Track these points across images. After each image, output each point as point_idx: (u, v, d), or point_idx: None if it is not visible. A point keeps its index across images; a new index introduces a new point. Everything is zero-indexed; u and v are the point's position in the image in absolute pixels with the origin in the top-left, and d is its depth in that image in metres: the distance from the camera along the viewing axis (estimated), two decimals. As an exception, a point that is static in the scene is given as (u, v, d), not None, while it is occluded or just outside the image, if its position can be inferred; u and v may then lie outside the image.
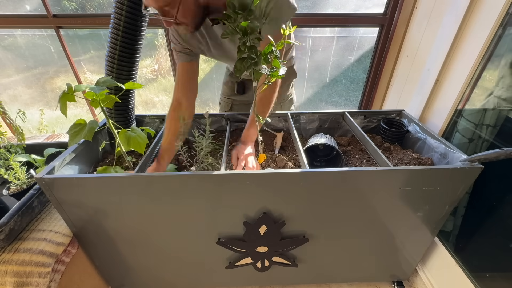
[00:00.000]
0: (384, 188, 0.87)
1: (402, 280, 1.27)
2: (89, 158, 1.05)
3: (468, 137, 1.02)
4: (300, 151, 0.97)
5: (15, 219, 0.83)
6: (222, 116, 1.29)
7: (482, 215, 0.99)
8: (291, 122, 1.19)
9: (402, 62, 1.59)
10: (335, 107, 2.20)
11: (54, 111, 2.41)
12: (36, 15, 1.60)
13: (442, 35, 1.08)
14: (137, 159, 1.08)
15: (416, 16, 1.45)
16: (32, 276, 0.81)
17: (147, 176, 0.80)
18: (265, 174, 0.81)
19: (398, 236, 1.03)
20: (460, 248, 1.07)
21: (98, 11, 1.89)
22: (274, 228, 0.94)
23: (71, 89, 0.71)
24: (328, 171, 0.82)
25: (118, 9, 0.91)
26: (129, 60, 0.99)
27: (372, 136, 1.26)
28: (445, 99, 1.10)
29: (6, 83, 2.26)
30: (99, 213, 0.89)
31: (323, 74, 2.07)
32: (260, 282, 1.27)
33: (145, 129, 0.94)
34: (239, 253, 1.03)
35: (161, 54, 2.55)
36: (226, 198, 0.87)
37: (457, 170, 0.83)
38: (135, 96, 1.11)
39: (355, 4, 1.70)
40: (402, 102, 1.60)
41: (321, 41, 1.93)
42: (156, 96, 2.77)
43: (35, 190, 0.93)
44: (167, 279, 1.18)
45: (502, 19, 0.87)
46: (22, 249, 0.84)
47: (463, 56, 1.01)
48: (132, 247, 1.02)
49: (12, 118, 1.15)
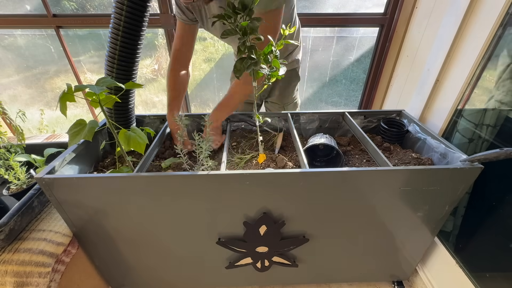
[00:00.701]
0: (384, 188, 0.87)
1: (402, 280, 1.27)
2: (89, 158, 1.05)
3: (468, 137, 1.02)
4: (300, 151, 0.97)
5: (15, 219, 0.83)
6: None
7: (482, 215, 0.99)
8: (291, 122, 1.19)
9: (402, 62, 1.59)
10: (335, 107, 2.20)
11: (54, 111, 2.41)
12: (36, 15, 1.60)
13: (442, 35, 1.08)
14: (137, 159, 1.08)
15: (416, 16, 1.45)
16: (32, 276, 0.81)
17: (147, 176, 0.80)
18: (265, 174, 0.81)
19: (398, 236, 1.03)
20: (460, 248, 1.07)
21: (98, 11, 1.89)
22: (274, 228, 0.94)
23: (71, 89, 0.71)
24: (328, 171, 0.82)
25: (118, 9, 0.91)
26: (129, 60, 0.99)
27: (372, 136, 1.26)
28: (445, 99, 1.10)
29: (6, 83, 2.26)
30: (99, 213, 0.89)
31: (323, 74, 2.07)
32: (260, 282, 1.27)
33: (145, 129, 0.94)
34: (239, 253, 1.03)
35: (161, 54, 2.55)
36: (226, 198, 0.87)
37: (457, 170, 0.83)
38: (135, 96, 1.11)
39: (355, 4, 1.71)
40: (402, 102, 1.60)
41: (321, 41, 1.94)
42: (156, 96, 2.76)
43: (35, 190, 0.93)
44: (167, 279, 1.18)
45: (502, 19, 0.87)
46: (22, 249, 0.84)
47: (463, 56, 1.01)
48: (132, 247, 1.02)
49: (12, 118, 1.15)
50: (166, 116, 1.17)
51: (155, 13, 1.53)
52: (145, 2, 0.93)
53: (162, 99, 2.76)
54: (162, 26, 1.56)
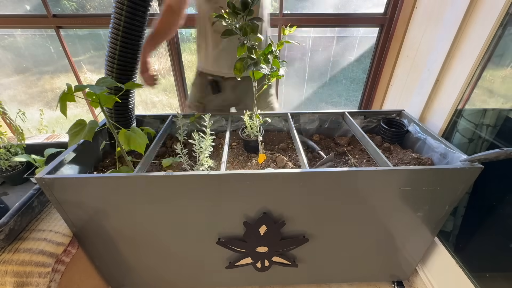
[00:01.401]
0: (384, 188, 0.87)
1: (402, 280, 1.27)
2: (89, 158, 1.05)
3: (468, 137, 1.02)
4: (300, 151, 0.97)
5: (15, 219, 0.83)
6: (222, 116, 1.29)
7: (482, 215, 0.99)
8: (291, 122, 1.19)
9: (402, 62, 1.59)
10: (335, 107, 2.20)
11: (54, 111, 2.41)
12: (36, 15, 1.60)
13: (442, 35, 1.08)
14: (137, 159, 1.08)
15: (416, 16, 1.45)
16: (32, 276, 0.81)
17: (147, 176, 0.80)
18: (265, 174, 0.81)
19: (398, 236, 1.03)
20: (460, 248, 1.07)
21: (98, 11, 1.89)
22: (274, 228, 0.94)
23: (71, 89, 0.71)
24: (328, 171, 0.82)
25: (118, 9, 0.91)
26: (129, 60, 0.99)
27: (372, 136, 1.26)
28: (445, 99, 1.10)
29: (6, 83, 2.26)
30: (99, 213, 0.89)
31: (323, 74, 2.07)
32: (260, 282, 1.27)
33: (145, 129, 0.94)
34: (239, 253, 1.03)
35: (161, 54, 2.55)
36: (226, 198, 0.87)
37: (457, 170, 0.83)
38: (135, 96, 1.11)
39: (355, 4, 1.71)
40: (402, 102, 1.60)
41: (321, 41, 1.94)
42: (156, 96, 2.77)
43: (35, 190, 0.93)
44: (167, 279, 1.18)
45: (502, 19, 0.87)
46: (22, 249, 0.84)
47: (463, 56, 1.01)
48: (132, 247, 1.02)
49: (12, 118, 1.15)
50: (143, 45, 1.04)
51: (155, 13, 1.53)
52: (145, 2, 0.93)
53: (162, 99, 2.76)
54: (162, 26, 1.56)
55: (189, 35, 3.10)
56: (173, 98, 2.69)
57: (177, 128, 1.11)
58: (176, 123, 1.10)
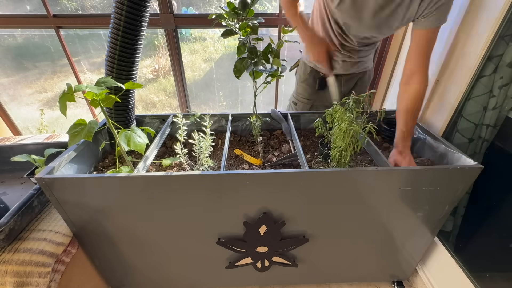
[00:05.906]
0: (384, 188, 0.87)
1: (402, 280, 1.27)
2: (89, 158, 1.05)
3: (468, 137, 1.02)
4: (300, 151, 0.97)
5: (15, 219, 0.83)
6: (222, 116, 1.29)
7: (482, 215, 0.99)
8: (291, 122, 1.19)
9: (402, 62, 1.59)
10: (335, 107, 2.20)
11: (54, 111, 2.41)
12: (36, 15, 1.60)
13: (442, 35, 1.08)
14: (137, 159, 1.08)
15: (416, 16, 1.45)
16: (32, 276, 0.81)
17: (147, 176, 0.80)
18: (265, 174, 0.81)
19: (398, 236, 1.03)
20: (460, 248, 1.07)
21: (98, 11, 1.89)
22: (274, 228, 0.94)
23: (71, 89, 0.71)
24: (328, 171, 0.82)
25: (118, 9, 0.91)
26: (129, 60, 0.99)
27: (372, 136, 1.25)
28: (445, 99, 1.10)
29: (6, 83, 2.26)
30: (99, 213, 0.89)
31: (323, 74, 2.06)
32: (260, 282, 1.27)
33: (145, 129, 0.94)
34: (239, 253, 1.03)
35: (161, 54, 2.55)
36: (226, 198, 0.87)
37: (457, 170, 0.83)
38: (135, 96, 1.11)
39: (355, 4, 1.70)
40: (402, 102, 1.59)
41: (321, 41, 1.93)
42: (156, 96, 2.77)
43: (35, 190, 0.93)
44: (167, 279, 1.18)
45: (502, 19, 0.87)
46: (22, 249, 0.84)
47: (463, 56, 1.01)
48: (132, 247, 1.02)
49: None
50: (311, 37, 1.18)
51: (155, 13, 1.53)
52: (145, 2, 0.93)
53: (162, 99, 2.76)
54: (162, 26, 1.56)
55: (189, 35, 3.10)
56: (173, 98, 2.70)
57: (177, 128, 1.11)
58: (176, 123, 1.10)
